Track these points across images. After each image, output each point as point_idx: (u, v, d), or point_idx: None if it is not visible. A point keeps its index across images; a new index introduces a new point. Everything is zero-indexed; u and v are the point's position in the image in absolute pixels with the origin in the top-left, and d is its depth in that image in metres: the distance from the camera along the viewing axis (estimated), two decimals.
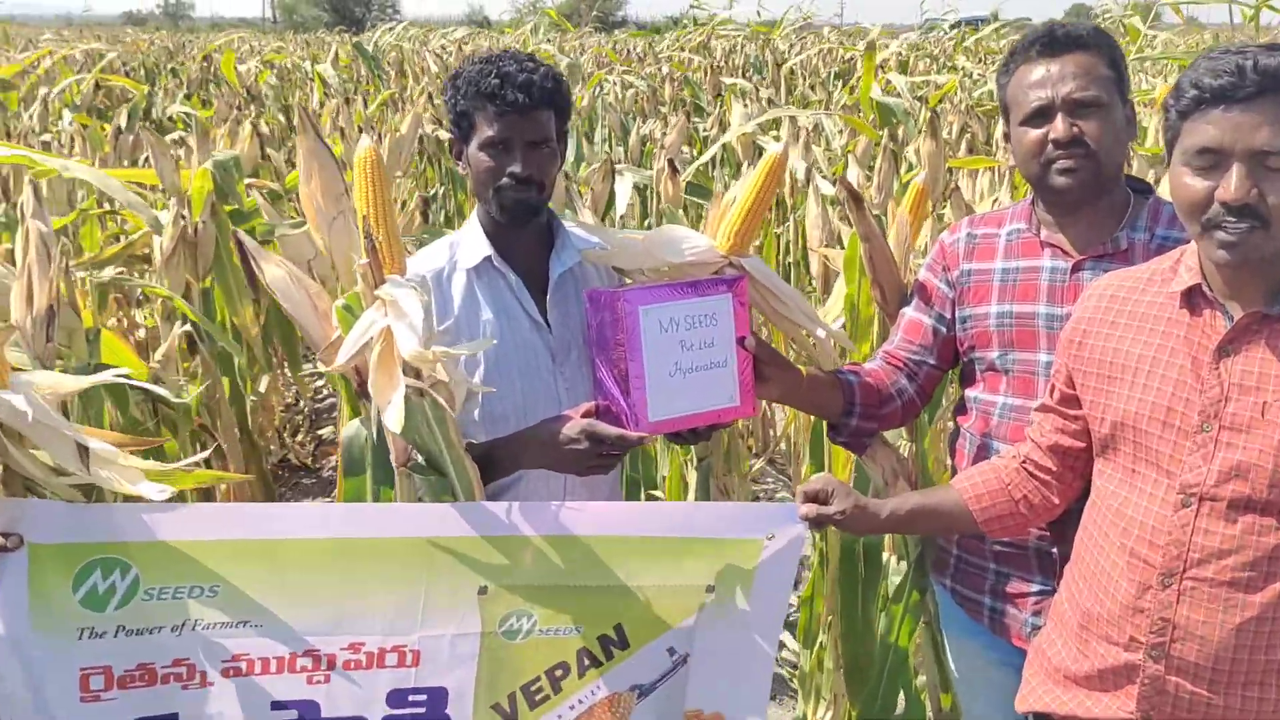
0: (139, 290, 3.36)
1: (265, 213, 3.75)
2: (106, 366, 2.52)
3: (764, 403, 4.58)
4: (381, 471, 2.12)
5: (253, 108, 8.58)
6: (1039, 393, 2.03)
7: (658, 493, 3.21)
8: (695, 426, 2.07)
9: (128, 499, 1.69)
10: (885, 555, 2.75)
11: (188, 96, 9.96)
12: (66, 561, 1.68)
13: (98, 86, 8.74)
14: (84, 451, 1.56)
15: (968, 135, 6.29)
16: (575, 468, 2.02)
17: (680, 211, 4.10)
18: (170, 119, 8.23)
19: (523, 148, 2.06)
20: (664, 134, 6.75)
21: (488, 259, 2.15)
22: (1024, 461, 1.95)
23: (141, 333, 3.88)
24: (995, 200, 3.76)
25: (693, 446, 2.39)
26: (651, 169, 4.97)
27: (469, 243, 2.18)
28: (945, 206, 3.96)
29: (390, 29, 18.59)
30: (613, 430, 1.97)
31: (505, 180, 2.07)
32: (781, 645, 3.77)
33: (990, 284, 2.15)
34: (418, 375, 1.88)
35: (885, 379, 2.26)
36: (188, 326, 3.20)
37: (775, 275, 2.22)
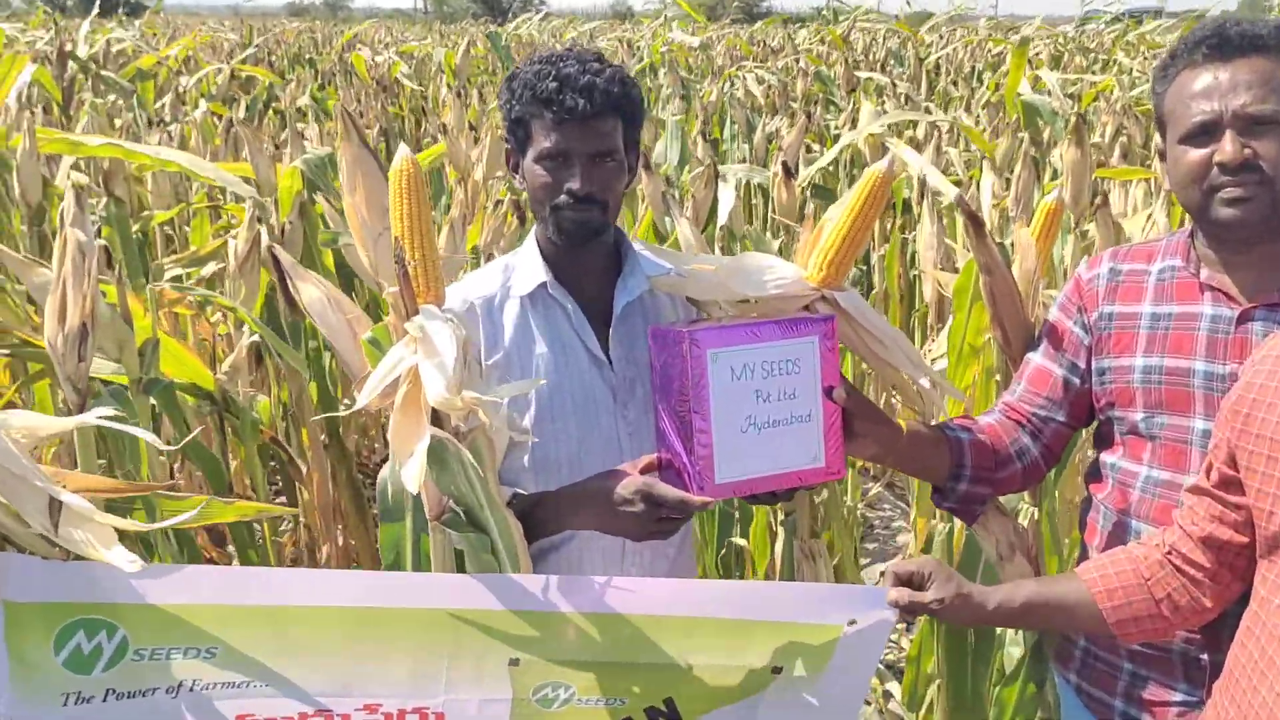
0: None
1: (329, 220, 3.60)
2: (158, 382, 2.37)
3: None
4: (422, 517, 1.90)
5: (379, 101, 8.57)
6: (1191, 467, 1.69)
7: (740, 540, 2.93)
8: (772, 490, 1.79)
9: None
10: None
11: (321, 87, 10.05)
12: (46, 622, 1.51)
13: (233, 76, 8.86)
14: (55, 506, 1.38)
15: (1122, 139, 5.77)
16: (629, 532, 1.76)
17: (769, 236, 3.76)
18: (300, 111, 8.25)
19: (583, 161, 1.81)
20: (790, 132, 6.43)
21: (543, 285, 1.91)
22: (1169, 553, 1.61)
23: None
24: (1149, 218, 3.34)
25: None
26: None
27: (524, 267, 1.94)
28: (1090, 223, 3.55)
29: (528, 20, 18.61)
30: (672, 493, 1.70)
31: (563, 198, 1.83)
32: (888, 695, 3.44)
33: (1136, 331, 1.81)
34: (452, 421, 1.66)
35: (1003, 436, 1.94)
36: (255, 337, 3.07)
37: (874, 312, 1.91)
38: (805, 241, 1.92)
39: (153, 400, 2.43)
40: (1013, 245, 2.28)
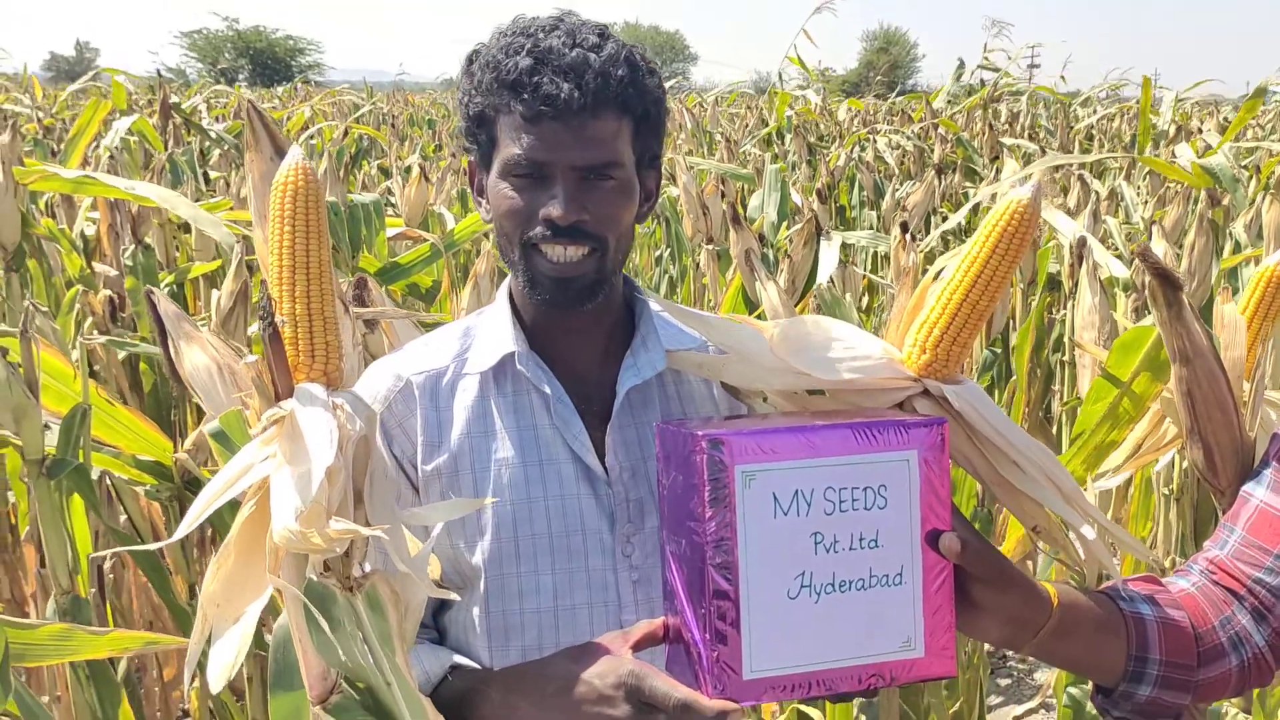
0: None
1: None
2: (64, 463, 1.86)
3: None
4: None
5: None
6: None
7: (811, 711, 2.22)
8: (840, 691, 1.13)
9: None
10: None
11: (438, 148, 9.86)
12: None
13: (346, 134, 8.70)
14: None
15: None
16: None
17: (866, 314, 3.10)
18: (408, 169, 8.03)
19: (569, 178, 1.23)
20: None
21: (511, 357, 1.31)
22: None
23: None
24: None
25: None
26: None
27: (488, 330, 1.35)
28: None
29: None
30: (674, 692, 1.07)
31: (538, 229, 1.24)
32: None
33: None
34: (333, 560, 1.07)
35: (1209, 615, 1.26)
36: None
37: (1004, 417, 1.25)
38: (900, 309, 1.28)
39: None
40: (1214, 329, 1.59)
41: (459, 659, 1.27)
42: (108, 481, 2.29)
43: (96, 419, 2.12)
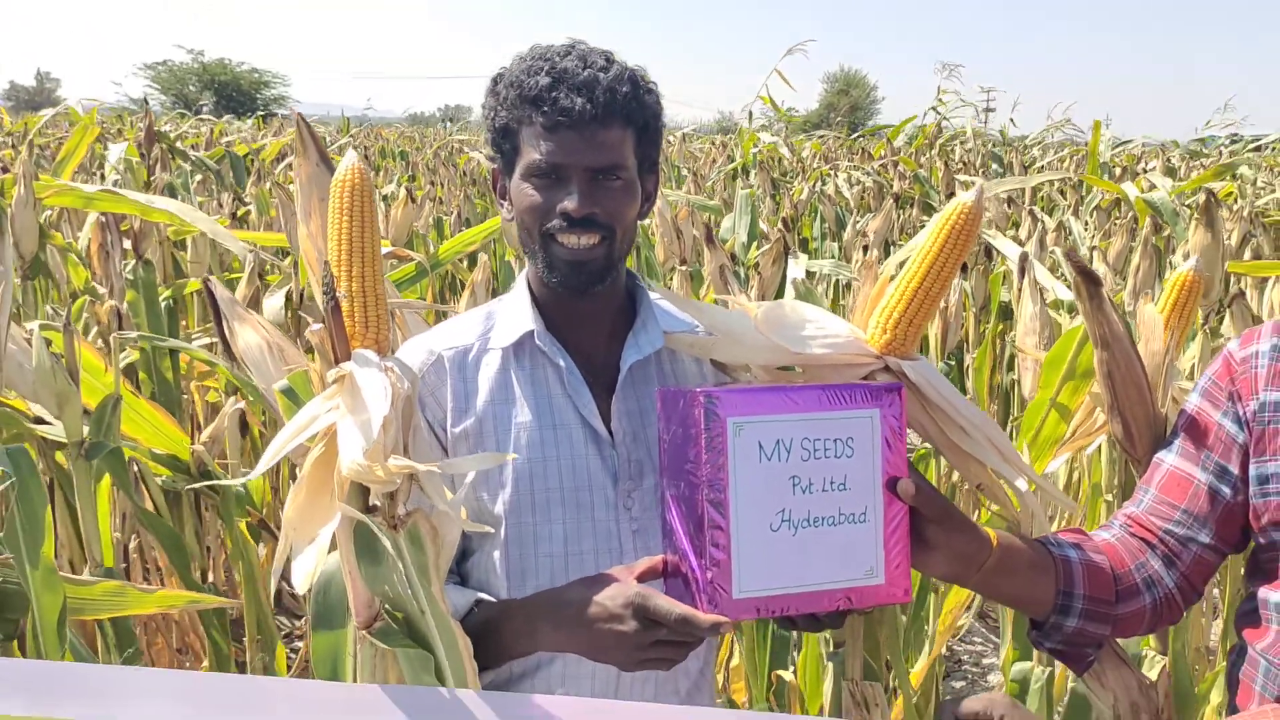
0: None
1: (312, 286, 3.29)
2: (102, 446, 2.03)
3: None
4: None
5: (463, 190, 8.47)
6: None
7: (785, 674, 2.43)
8: (812, 612, 1.33)
9: None
10: None
11: (412, 179, 10.06)
12: None
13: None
14: None
15: (1252, 244, 5.23)
16: (616, 659, 1.32)
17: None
18: (385, 197, 8.20)
19: (582, 177, 1.43)
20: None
21: (530, 335, 1.51)
22: None
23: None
24: None
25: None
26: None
27: (510, 313, 1.55)
28: (1223, 319, 3.05)
29: None
30: (675, 608, 1.27)
31: (555, 221, 1.44)
32: None
33: None
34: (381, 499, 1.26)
35: (1126, 560, 1.47)
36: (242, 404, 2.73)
37: (952, 388, 1.47)
38: (865, 297, 1.50)
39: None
40: (1136, 325, 1.82)
41: (482, 595, 1.46)
42: (134, 468, 2.44)
43: (123, 411, 2.29)
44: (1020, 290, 2.63)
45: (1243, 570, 1.50)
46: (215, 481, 2.42)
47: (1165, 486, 1.50)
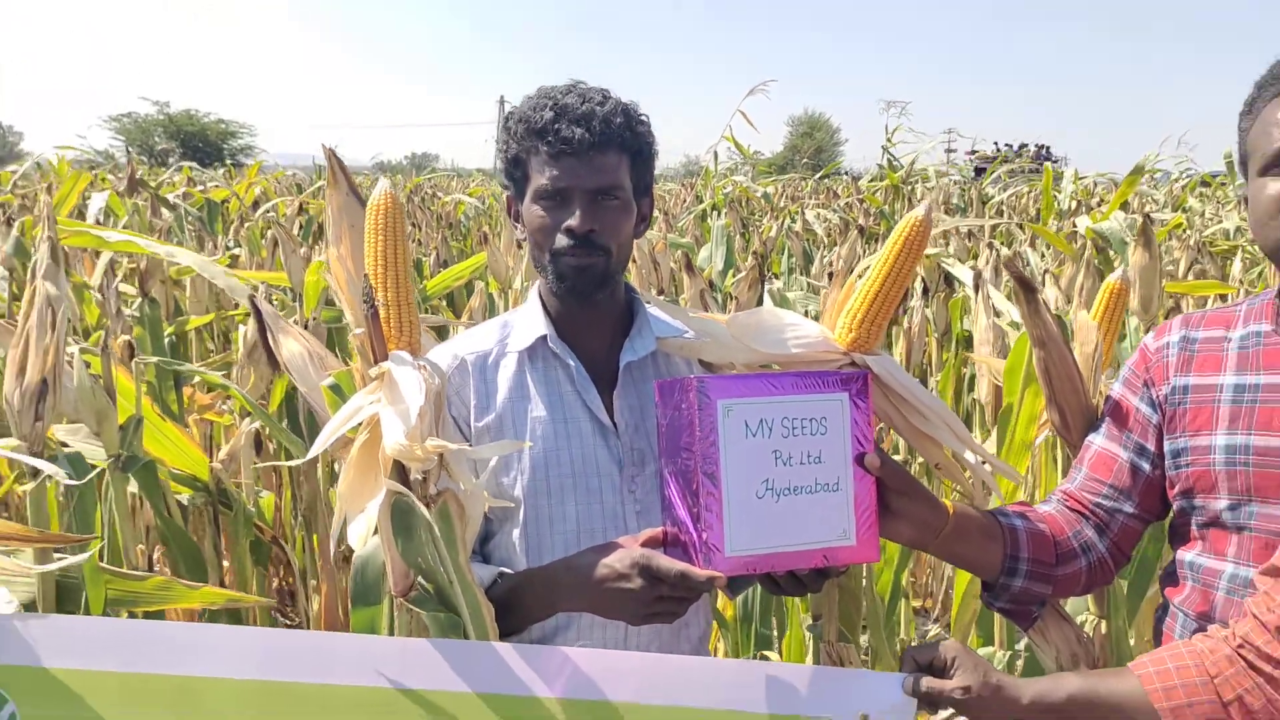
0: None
1: (337, 300, 3.48)
2: (136, 460, 2.21)
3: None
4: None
5: (439, 232, 8.70)
6: None
7: (771, 654, 2.62)
8: (793, 569, 1.53)
9: None
10: None
11: None
12: None
13: (302, 209, 9.07)
14: None
15: (1195, 269, 5.53)
16: (625, 614, 1.52)
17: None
18: None
19: (583, 198, 1.64)
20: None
21: (543, 339, 1.72)
22: (1240, 646, 1.33)
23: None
24: None
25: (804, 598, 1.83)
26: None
27: (524, 321, 1.76)
28: None
29: None
30: (674, 565, 1.46)
31: (561, 239, 1.65)
32: None
33: (1215, 405, 1.56)
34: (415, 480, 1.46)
35: (1064, 528, 1.68)
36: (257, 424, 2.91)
37: (911, 379, 1.68)
38: (833, 301, 1.72)
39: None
40: (1073, 331, 2.05)
41: (504, 569, 1.65)
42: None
43: (146, 431, 2.47)
44: (976, 306, 2.88)
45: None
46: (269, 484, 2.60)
47: (1094, 465, 1.71)
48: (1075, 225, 7.71)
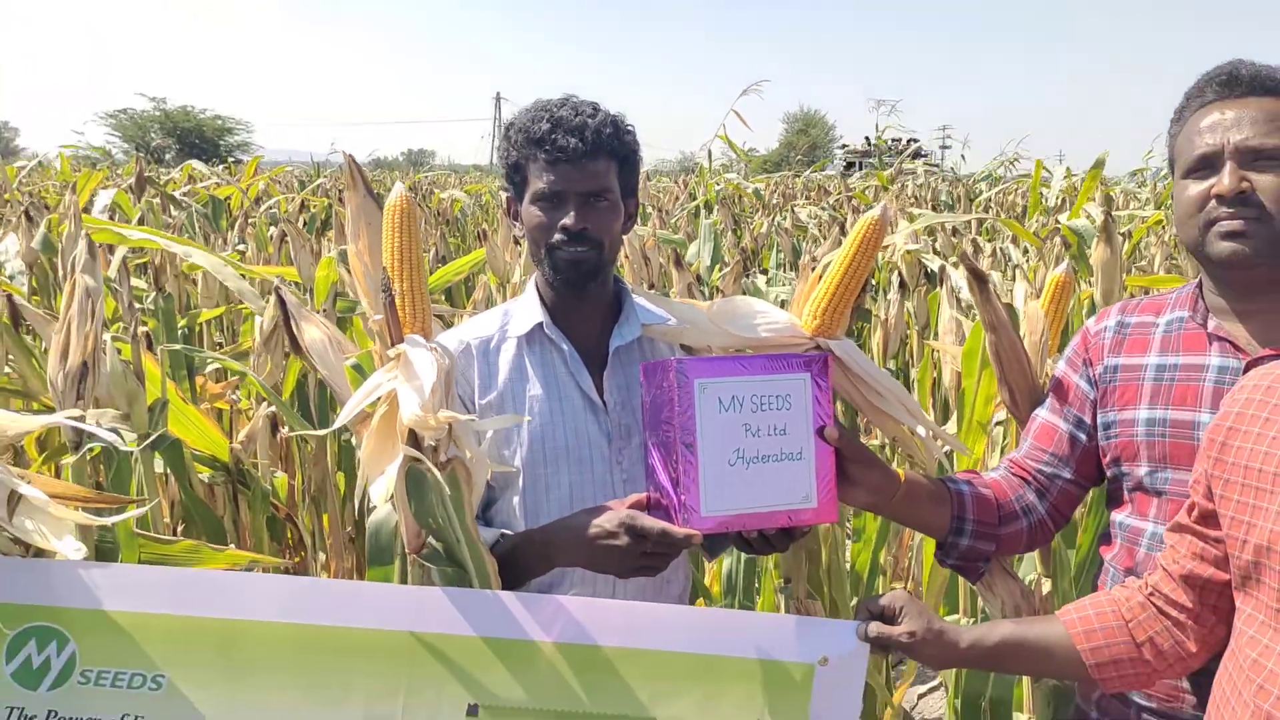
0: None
1: (349, 289, 3.68)
2: (165, 438, 2.40)
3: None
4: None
5: (438, 229, 8.89)
6: None
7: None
8: (762, 529, 1.73)
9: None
10: (1022, 718, 2.27)
11: None
12: (2, 624, 1.49)
13: (303, 206, 9.24)
14: (14, 499, 1.38)
15: (1170, 264, 5.72)
16: (614, 568, 1.71)
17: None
18: None
19: (577, 200, 1.84)
20: None
21: (540, 326, 1.91)
22: (1151, 594, 1.53)
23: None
24: None
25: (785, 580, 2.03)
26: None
27: (523, 309, 1.95)
28: None
29: None
30: (656, 524, 1.66)
31: (557, 236, 1.84)
32: None
33: (1140, 383, 1.75)
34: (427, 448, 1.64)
35: (1008, 492, 1.87)
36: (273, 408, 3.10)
37: (869, 361, 1.88)
38: (799, 292, 1.91)
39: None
40: (1023, 319, 2.24)
41: (505, 530, 1.85)
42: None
43: (170, 414, 2.65)
44: (940, 296, 3.07)
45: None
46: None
47: (1038, 435, 1.90)
48: (1059, 222, 7.91)
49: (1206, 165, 1.63)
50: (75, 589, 1.50)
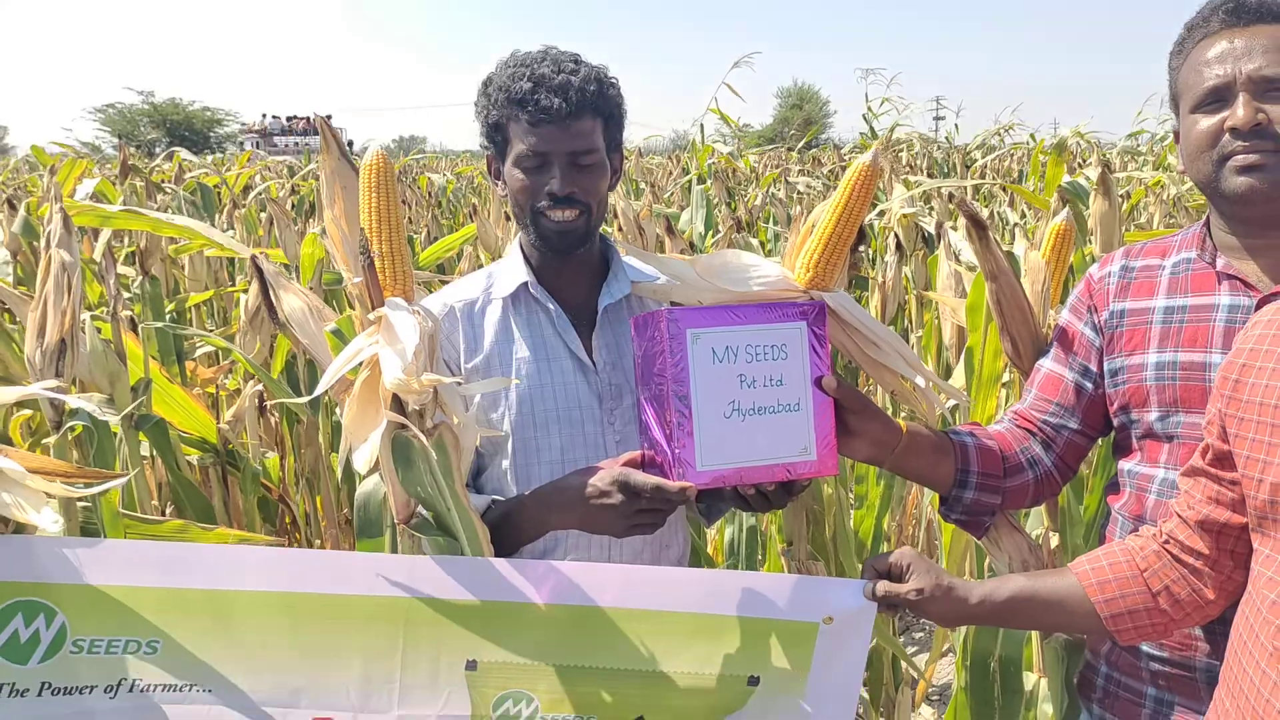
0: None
1: (334, 260, 3.61)
2: (149, 418, 2.34)
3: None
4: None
5: (430, 210, 8.83)
6: None
7: None
8: (760, 484, 1.67)
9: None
10: (1032, 677, 2.23)
11: None
12: None
13: (294, 191, 9.17)
14: None
15: (1170, 221, 5.65)
16: (609, 528, 1.66)
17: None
18: None
19: (563, 162, 1.77)
20: None
21: (525, 285, 1.85)
22: (1166, 541, 1.48)
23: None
24: None
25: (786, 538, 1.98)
26: None
27: (507, 270, 1.89)
28: None
29: None
30: (649, 479, 1.60)
31: (543, 201, 1.78)
32: None
33: (1148, 327, 1.70)
34: (412, 414, 1.59)
35: (1013, 444, 1.82)
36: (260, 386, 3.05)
37: (864, 312, 1.82)
38: (792, 245, 1.85)
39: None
40: (1024, 269, 2.18)
41: (496, 496, 1.79)
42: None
43: (155, 394, 2.60)
44: (939, 253, 3.00)
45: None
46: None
47: (1042, 386, 1.85)
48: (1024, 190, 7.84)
49: (1217, 98, 1.57)
50: (60, 564, 1.45)
